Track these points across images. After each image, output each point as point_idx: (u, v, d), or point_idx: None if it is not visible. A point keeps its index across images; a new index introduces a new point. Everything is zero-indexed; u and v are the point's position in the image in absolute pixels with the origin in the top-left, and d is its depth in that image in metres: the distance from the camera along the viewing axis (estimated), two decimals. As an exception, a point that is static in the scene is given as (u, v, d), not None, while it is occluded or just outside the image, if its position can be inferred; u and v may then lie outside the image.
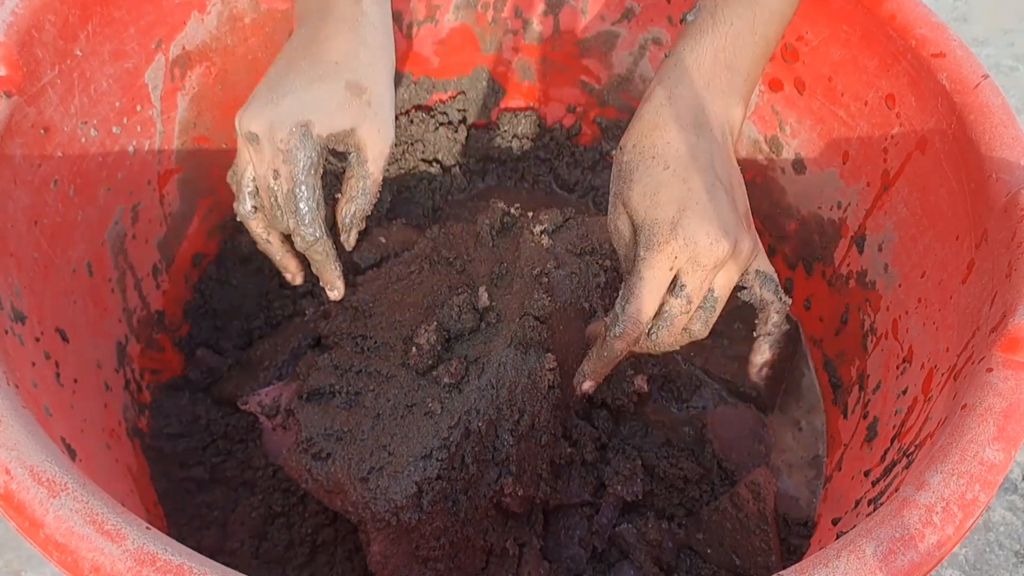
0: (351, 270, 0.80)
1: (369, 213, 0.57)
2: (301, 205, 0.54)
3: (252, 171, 0.57)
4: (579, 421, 0.68)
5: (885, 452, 0.58)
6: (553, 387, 0.61)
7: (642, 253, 0.49)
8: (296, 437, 0.60)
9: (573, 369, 0.65)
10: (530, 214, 0.71)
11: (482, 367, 0.60)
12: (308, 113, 0.53)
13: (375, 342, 0.65)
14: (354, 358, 0.64)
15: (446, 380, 0.59)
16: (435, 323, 0.62)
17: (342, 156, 0.59)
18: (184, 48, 0.71)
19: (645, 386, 0.71)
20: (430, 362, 0.61)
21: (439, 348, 0.61)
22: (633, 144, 0.52)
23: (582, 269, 0.65)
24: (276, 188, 0.55)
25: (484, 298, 0.64)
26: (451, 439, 0.56)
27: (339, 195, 0.59)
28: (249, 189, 0.58)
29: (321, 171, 0.56)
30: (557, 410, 0.63)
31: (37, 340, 0.53)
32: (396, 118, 0.90)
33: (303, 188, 0.54)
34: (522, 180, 0.96)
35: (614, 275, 0.66)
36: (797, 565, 0.38)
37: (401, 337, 0.64)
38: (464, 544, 0.58)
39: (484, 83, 0.93)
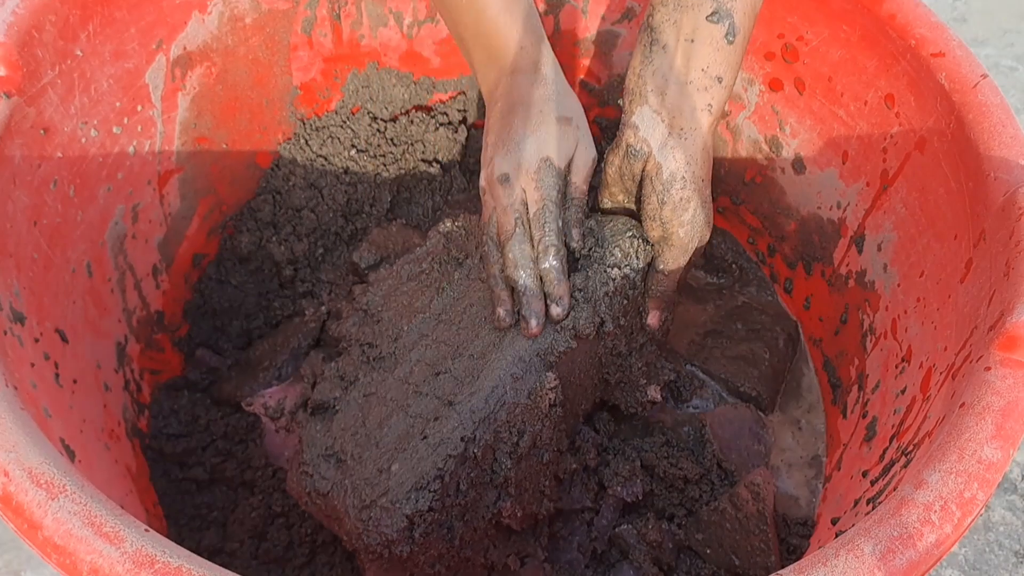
0: (351, 271, 0.80)
1: (583, 219, 0.65)
2: (547, 218, 0.61)
3: (495, 217, 0.64)
4: (582, 427, 0.68)
5: (884, 451, 0.58)
6: (555, 405, 0.60)
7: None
8: (297, 457, 0.60)
9: (582, 381, 0.64)
10: None
11: (480, 388, 0.58)
12: (545, 150, 0.63)
13: (380, 352, 0.64)
14: (359, 368, 0.64)
15: (448, 399, 0.59)
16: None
17: None
18: (185, 48, 0.71)
19: (658, 396, 0.70)
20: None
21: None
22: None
23: (589, 277, 0.64)
24: (520, 213, 0.62)
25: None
26: (445, 468, 0.55)
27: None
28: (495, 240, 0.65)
29: (561, 203, 0.63)
30: (561, 424, 0.62)
31: (36, 341, 0.53)
32: (396, 118, 0.90)
33: (551, 204, 0.62)
34: (522, 180, 0.96)
35: (623, 283, 0.64)
36: (796, 564, 0.38)
37: (406, 349, 0.64)
38: (462, 565, 0.58)
39: (484, 83, 0.93)
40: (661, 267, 0.65)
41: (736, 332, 0.79)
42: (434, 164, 0.91)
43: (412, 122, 0.90)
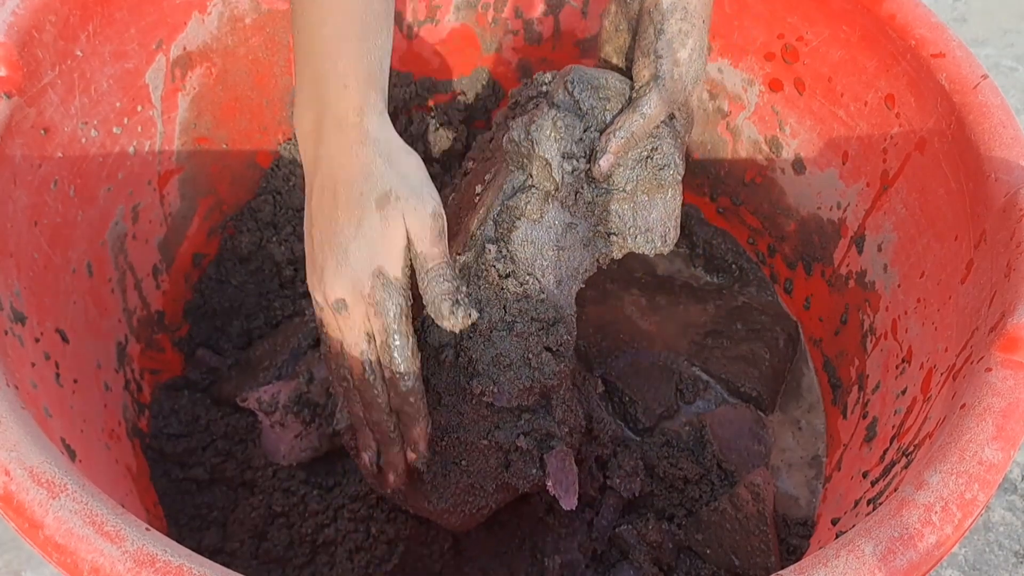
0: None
1: (454, 287, 0.54)
2: (395, 354, 0.53)
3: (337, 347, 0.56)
4: (605, 415, 0.69)
5: (884, 452, 0.58)
6: (506, 277, 0.57)
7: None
8: None
9: (559, 243, 0.60)
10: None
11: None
12: (376, 258, 0.52)
13: None
14: None
15: None
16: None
17: None
18: (185, 49, 0.71)
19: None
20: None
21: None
22: None
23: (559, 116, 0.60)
24: (365, 349, 0.54)
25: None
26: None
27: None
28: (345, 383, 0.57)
29: (411, 315, 0.54)
30: (535, 295, 0.58)
31: (37, 341, 0.53)
32: (396, 118, 0.90)
33: (395, 336, 0.53)
34: (522, 180, 0.96)
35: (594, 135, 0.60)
36: (796, 565, 0.38)
37: None
38: (459, 448, 0.58)
39: (484, 83, 0.93)
40: (640, 108, 0.58)
41: (736, 332, 0.79)
42: (434, 164, 0.91)
43: (412, 122, 0.90)
